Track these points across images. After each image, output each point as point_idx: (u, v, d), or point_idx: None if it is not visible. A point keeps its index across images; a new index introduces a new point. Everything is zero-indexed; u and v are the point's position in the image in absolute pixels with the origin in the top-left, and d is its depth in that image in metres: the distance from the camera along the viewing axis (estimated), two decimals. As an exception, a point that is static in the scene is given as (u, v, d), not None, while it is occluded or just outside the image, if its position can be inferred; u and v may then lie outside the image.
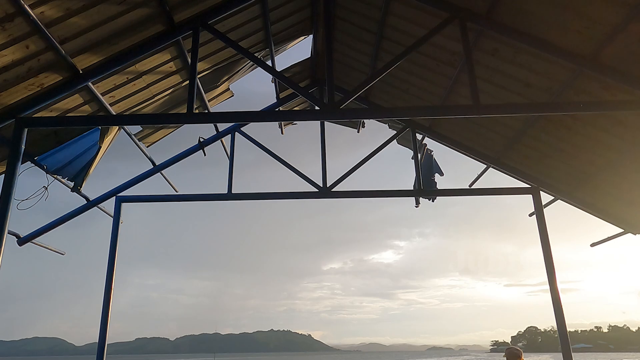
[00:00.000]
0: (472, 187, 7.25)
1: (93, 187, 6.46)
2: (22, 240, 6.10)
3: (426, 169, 7.49)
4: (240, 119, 5.42)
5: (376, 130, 7.79)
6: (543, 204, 6.60)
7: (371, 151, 7.37)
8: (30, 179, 5.41)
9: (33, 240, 6.21)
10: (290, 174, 6.99)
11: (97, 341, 6.44)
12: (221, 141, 7.48)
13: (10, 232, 5.55)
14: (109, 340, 6.57)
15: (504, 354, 6.45)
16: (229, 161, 7.32)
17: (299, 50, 8.32)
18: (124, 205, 6.92)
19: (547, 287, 6.13)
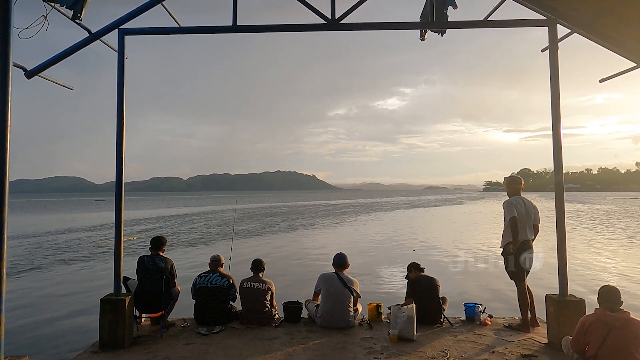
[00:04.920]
0: (487, 20, 6.89)
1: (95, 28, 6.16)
2: (29, 73, 6.08)
3: (440, 1, 7.04)
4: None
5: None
6: (558, 37, 6.36)
7: (383, -21, 6.82)
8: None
9: (41, 74, 6.21)
10: (296, 13, 6.56)
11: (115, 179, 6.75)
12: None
13: (16, 65, 5.54)
14: (127, 179, 6.90)
15: (503, 181, 6.96)
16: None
17: None
18: (127, 39, 6.71)
19: (545, 132, 6.21)
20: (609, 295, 4.24)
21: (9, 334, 5.70)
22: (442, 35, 7.20)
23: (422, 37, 7.12)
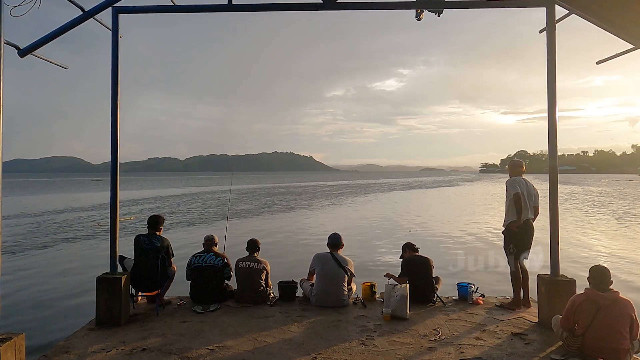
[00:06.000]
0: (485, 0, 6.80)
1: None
2: (23, 52, 6.00)
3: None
4: None
5: None
6: (556, 19, 6.29)
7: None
8: None
9: (35, 53, 6.13)
10: None
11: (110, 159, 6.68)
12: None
13: (8, 43, 5.46)
14: (124, 159, 6.87)
15: (507, 166, 7.02)
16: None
17: None
18: (122, 18, 6.60)
19: (543, 115, 6.11)
20: (599, 275, 4.31)
21: (6, 311, 5.77)
22: (438, 16, 7.08)
23: (418, 17, 7.02)
